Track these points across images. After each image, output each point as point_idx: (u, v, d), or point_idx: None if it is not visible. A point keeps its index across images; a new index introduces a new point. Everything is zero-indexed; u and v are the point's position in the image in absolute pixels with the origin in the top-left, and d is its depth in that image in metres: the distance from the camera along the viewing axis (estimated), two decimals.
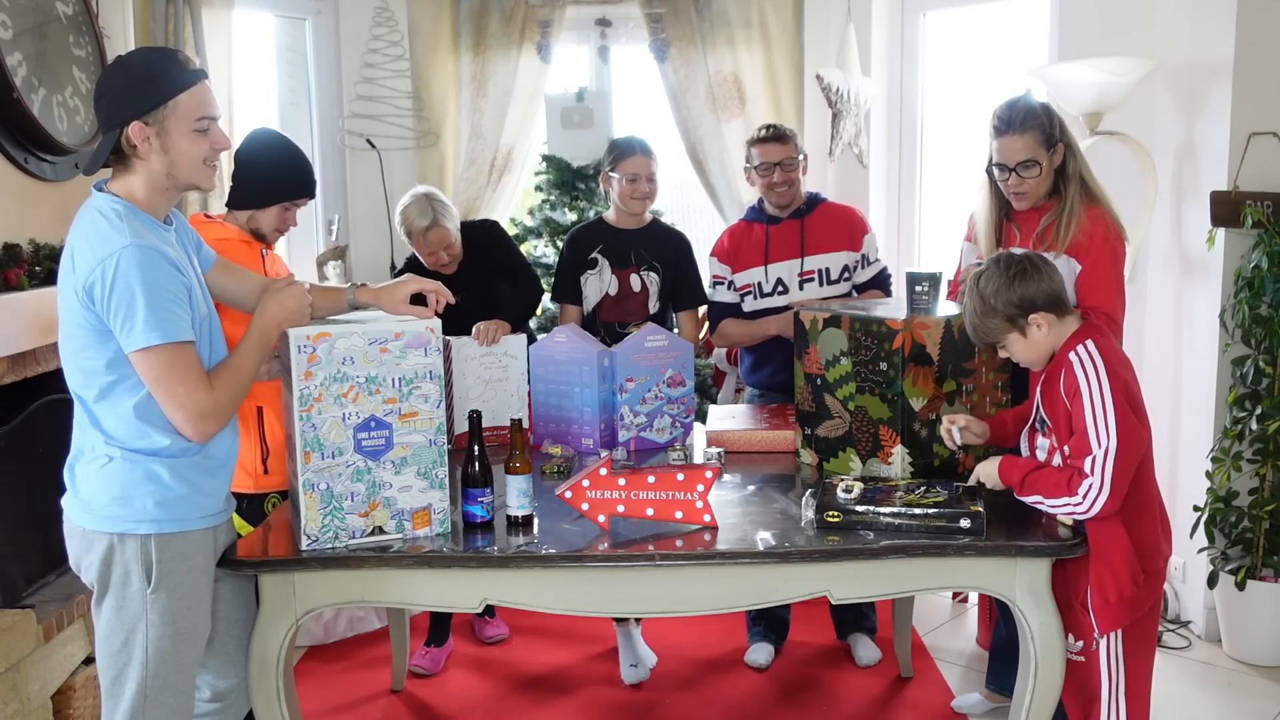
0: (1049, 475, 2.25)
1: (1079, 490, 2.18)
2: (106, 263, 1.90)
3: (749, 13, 4.54)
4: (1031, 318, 2.26)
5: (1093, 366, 2.21)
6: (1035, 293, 2.25)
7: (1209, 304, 3.56)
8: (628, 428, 2.93)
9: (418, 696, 3.37)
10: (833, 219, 3.36)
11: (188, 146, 2.01)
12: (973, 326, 2.35)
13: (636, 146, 3.39)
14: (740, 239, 3.42)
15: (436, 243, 3.36)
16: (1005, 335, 2.31)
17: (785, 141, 3.29)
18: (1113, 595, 2.22)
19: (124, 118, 1.97)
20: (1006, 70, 4.27)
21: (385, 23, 4.62)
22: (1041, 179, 2.70)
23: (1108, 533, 2.22)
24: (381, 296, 2.33)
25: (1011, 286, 2.25)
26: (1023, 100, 2.72)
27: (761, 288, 3.35)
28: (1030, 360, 2.35)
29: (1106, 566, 2.22)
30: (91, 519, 2.02)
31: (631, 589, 2.24)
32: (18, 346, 2.82)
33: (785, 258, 3.34)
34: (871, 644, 3.52)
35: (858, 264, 3.36)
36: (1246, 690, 3.34)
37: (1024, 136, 2.67)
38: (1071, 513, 2.22)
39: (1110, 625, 2.24)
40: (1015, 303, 2.26)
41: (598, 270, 3.45)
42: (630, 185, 3.37)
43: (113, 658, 2.05)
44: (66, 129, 3.24)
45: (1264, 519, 3.43)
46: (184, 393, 1.96)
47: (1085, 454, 2.18)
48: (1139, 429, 2.22)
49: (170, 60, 2.02)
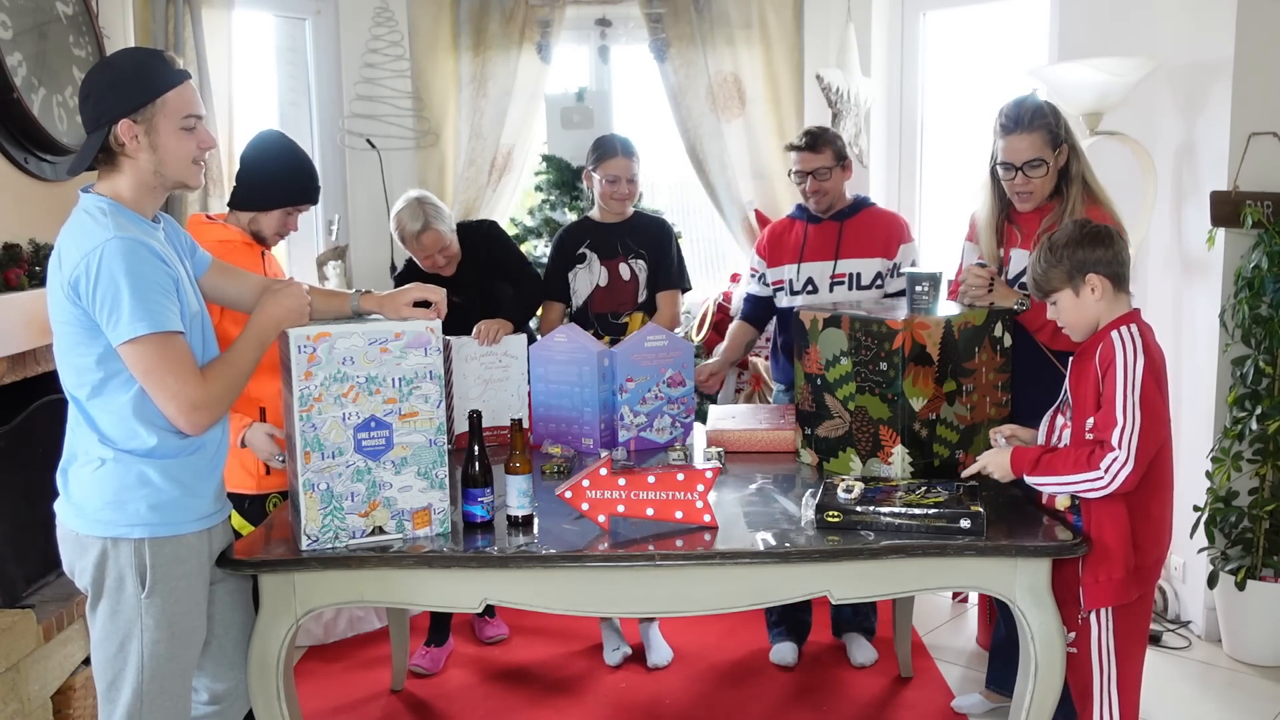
0: (1066, 454, 2.25)
1: (1100, 464, 2.18)
2: (90, 256, 1.90)
3: (749, 13, 4.54)
4: (1089, 278, 2.28)
5: (1132, 345, 2.23)
6: (1101, 257, 2.29)
7: (1209, 304, 3.56)
8: (628, 428, 2.93)
9: (418, 696, 3.37)
10: (872, 224, 3.33)
11: (175, 144, 2.00)
12: (1033, 275, 2.37)
13: (618, 148, 3.40)
14: (781, 235, 3.43)
15: (431, 246, 3.36)
16: (1060, 289, 2.32)
17: (818, 150, 3.25)
18: (1103, 575, 2.24)
19: (112, 116, 1.96)
20: (1006, 70, 4.27)
21: (385, 23, 4.62)
22: (1046, 179, 2.71)
23: (1109, 511, 2.23)
24: (385, 304, 2.32)
25: (1081, 244, 2.29)
26: (1030, 99, 2.72)
27: (792, 285, 3.35)
28: (1073, 324, 2.35)
29: (1101, 546, 2.23)
30: (85, 523, 2.02)
31: (631, 589, 2.24)
32: (17, 346, 2.83)
33: (819, 258, 3.32)
34: (868, 644, 3.52)
35: (890, 272, 3.32)
36: (1246, 690, 3.34)
37: (1031, 136, 2.67)
38: (1090, 489, 2.21)
39: (1095, 603, 2.26)
40: (1080, 259, 2.29)
41: (586, 264, 3.48)
42: (610, 186, 3.40)
43: (108, 662, 2.04)
44: (66, 129, 3.24)
45: (1264, 519, 3.44)
46: (175, 383, 1.95)
47: (1111, 426, 2.19)
48: (1163, 412, 2.23)
49: (157, 59, 2.02)
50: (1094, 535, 2.24)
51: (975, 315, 2.61)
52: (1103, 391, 2.24)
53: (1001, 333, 2.67)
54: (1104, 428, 2.21)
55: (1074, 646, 2.32)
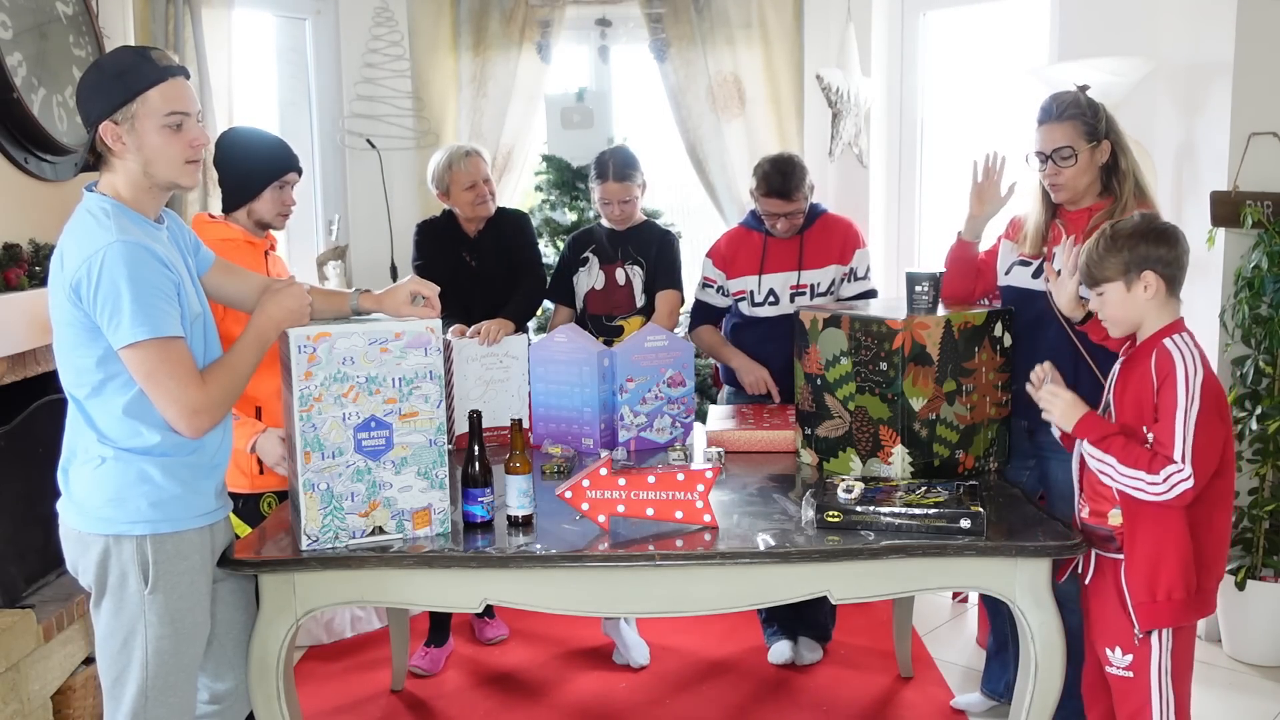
0: (1133, 446, 2.16)
1: (1161, 472, 2.10)
2: (92, 259, 1.90)
3: (749, 13, 4.54)
4: (1145, 274, 2.19)
5: (1191, 355, 2.16)
6: (1164, 256, 2.20)
7: (1209, 304, 3.55)
8: (628, 428, 2.93)
9: (418, 696, 3.37)
10: (830, 233, 3.34)
11: (159, 143, 1.98)
12: (1088, 260, 2.28)
13: (610, 172, 3.39)
14: (738, 245, 3.41)
15: (475, 171, 3.42)
16: (1113, 280, 2.23)
17: (790, 199, 3.20)
18: (1161, 593, 2.16)
19: (95, 117, 1.96)
20: (1006, 70, 4.27)
21: (385, 23, 4.62)
22: (1079, 171, 2.61)
23: (1169, 527, 2.15)
24: (384, 301, 2.32)
25: (1145, 238, 2.21)
26: (1069, 92, 2.66)
27: (753, 296, 3.35)
28: (1116, 319, 2.26)
29: (1160, 561, 2.15)
30: (86, 521, 2.02)
31: (631, 589, 2.24)
32: (18, 346, 2.83)
33: (781, 269, 3.33)
34: (816, 645, 3.51)
35: (845, 277, 3.34)
36: (1246, 690, 3.34)
37: (1063, 125, 2.60)
38: (1142, 489, 2.13)
39: (1150, 624, 2.18)
40: (1141, 253, 2.20)
41: (587, 267, 3.51)
42: (604, 207, 3.45)
43: (113, 659, 2.05)
44: (66, 129, 3.24)
45: (1264, 519, 3.44)
46: (175, 388, 1.95)
47: (1172, 439, 2.11)
48: (1223, 429, 2.17)
49: (140, 58, 1.99)
50: (1151, 549, 2.16)
51: (975, 315, 2.61)
52: (1159, 403, 2.16)
53: (1001, 333, 2.67)
54: (1165, 441, 2.13)
55: (1129, 669, 2.24)
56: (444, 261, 3.43)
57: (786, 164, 3.24)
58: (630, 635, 3.53)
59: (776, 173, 3.21)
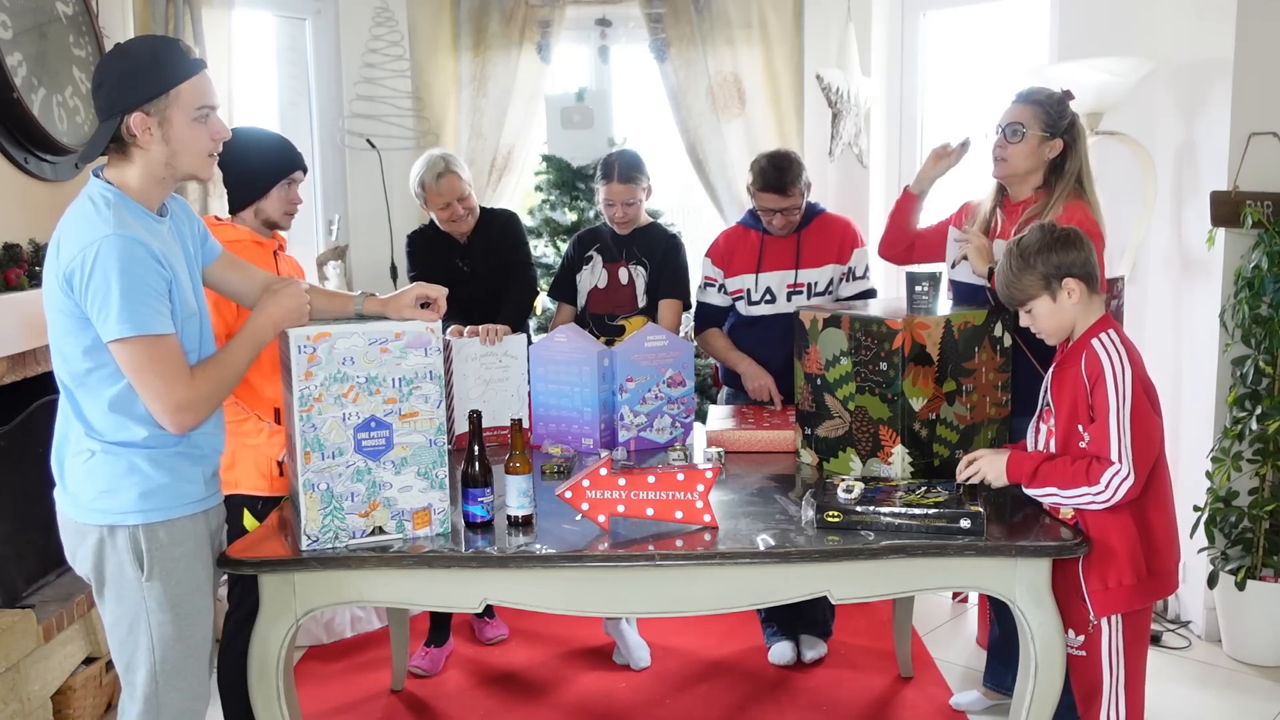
0: (1063, 466, 2.25)
1: (1101, 478, 2.19)
2: (87, 250, 1.89)
3: (749, 13, 4.54)
4: (1065, 282, 2.28)
5: (1117, 354, 2.24)
6: (1074, 260, 2.28)
7: (1209, 304, 3.56)
8: (628, 428, 2.93)
9: (418, 696, 3.37)
10: (827, 232, 3.35)
11: (189, 136, 1.99)
12: (1006, 284, 2.36)
13: (615, 174, 3.38)
14: (736, 244, 3.41)
15: (449, 191, 3.36)
16: (1036, 297, 2.31)
17: (786, 193, 3.21)
18: (1111, 581, 2.24)
19: (125, 106, 1.94)
20: (1006, 70, 4.27)
21: (385, 23, 4.62)
22: (1022, 154, 2.72)
23: (1112, 519, 2.23)
24: (388, 306, 2.31)
25: (1054, 248, 2.29)
26: (1048, 88, 2.77)
27: (750, 295, 3.36)
28: (1050, 329, 2.35)
29: (1108, 552, 2.23)
30: (81, 512, 2.04)
31: (631, 589, 2.24)
32: (18, 346, 2.83)
33: (778, 268, 3.33)
34: (820, 642, 3.52)
35: (844, 277, 3.34)
36: (1246, 690, 3.34)
37: (1026, 107, 2.72)
38: (1090, 502, 2.22)
39: (1105, 610, 2.26)
40: (1054, 264, 2.28)
41: (590, 266, 3.50)
42: (607, 209, 3.44)
43: (121, 645, 2.08)
44: (66, 129, 3.24)
45: (1264, 519, 3.44)
46: (160, 385, 1.95)
47: (1107, 440, 2.20)
48: (1156, 420, 2.25)
49: (173, 48, 1.99)
50: (1098, 541, 2.24)
51: (975, 315, 2.61)
52: (1093, 404, 2.24)
53: (1001, 332, 2.67)
54: (1100, 442, 2.22)
55: (1082, 649, 2.32)
56: (438, 269, 3.42)
57: (783, 159, 3.25)
58: (632, 636, 3.53)
59: (772, 167, 3.23)
